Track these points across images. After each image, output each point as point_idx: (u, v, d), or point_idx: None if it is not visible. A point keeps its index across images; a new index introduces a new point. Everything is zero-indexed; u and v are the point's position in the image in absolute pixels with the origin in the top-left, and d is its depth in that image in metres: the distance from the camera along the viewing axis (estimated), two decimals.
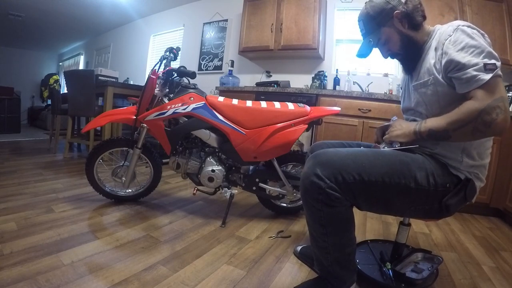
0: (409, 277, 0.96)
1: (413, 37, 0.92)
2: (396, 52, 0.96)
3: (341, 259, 0.88)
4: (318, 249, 0.90)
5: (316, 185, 0.79)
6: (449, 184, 0.83)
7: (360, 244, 1.23)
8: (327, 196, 0.78)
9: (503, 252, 1.47)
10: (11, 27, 5.34)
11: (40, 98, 7.42)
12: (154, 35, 4.76)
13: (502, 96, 0.72)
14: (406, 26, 0.91)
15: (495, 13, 2.29)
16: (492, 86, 0.72)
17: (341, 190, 0.79)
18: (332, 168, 0.79)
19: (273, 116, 1.49)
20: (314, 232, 0.88)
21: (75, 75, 2.97)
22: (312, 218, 0.85)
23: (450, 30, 0.81)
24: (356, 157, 0.82)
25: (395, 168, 0.81)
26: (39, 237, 1.21)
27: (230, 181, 1.61)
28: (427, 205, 0.85)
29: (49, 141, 3.73)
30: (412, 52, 0.94)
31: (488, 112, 0.71)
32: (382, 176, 0.80)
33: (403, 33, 0.92)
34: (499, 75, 0.73)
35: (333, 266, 0.88)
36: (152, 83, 1.51)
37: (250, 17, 3.17)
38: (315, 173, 0.79)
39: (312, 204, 0.82)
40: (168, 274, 1.03)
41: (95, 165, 1.66)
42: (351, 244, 0.88)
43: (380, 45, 0.97)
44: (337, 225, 0.84)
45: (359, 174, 0.79)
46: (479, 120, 0.72)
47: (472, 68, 0.73)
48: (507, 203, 1.97)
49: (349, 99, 2.37)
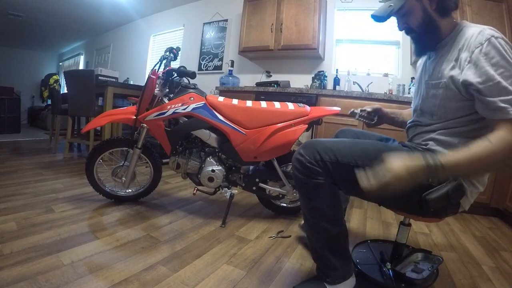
0: (409, 277, 0.96)
1: (436, 21, 0.85)
2: (413, 28, 0.89)
3: (331, 241, 0.90)
4: (310, 228, 0.93)
5: (298, 161, 0.88)
6: (432, 180, 0.79)
7: (360, 244, 1.23)
8: (308, 170, 0.86)
9: (503, 252, 1.47)
10: (11, 27, 5.34)
11: (40, 98, 7.42)
12: (154, 35, 4.76)
13: None
14: (433, 7, 0.84)
15: (495, 13, 2.29)
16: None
17: (319, 165, 0.85)
18: (311, 149, 0.87)
19: (273, 116, 1.49)
20: (304, 210, 0.93)
21: (75, 75, 2.97)
22: (301, 193, 0.92)
23: (482, 38, 0.75)
24: (336, 142, 0.90)
25: (368, 153, 0.85)
26: (39, 237, 1.21)
27: (230, 181, 1.61)
28: (405, 196, 0.78)
29: (49, 141, 3.74)
30: (428, 36, 0.88)
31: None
32: (355, 158, 0.84)
33: (428, 12, 0.85)
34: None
35: (323, 249, 0.90)
36: (152, 83, 1.51)
37: (250, 17, 3.17)
38: (299, 152, 0.89)
39: (298, 177, 0.89)
40: (168, 274, 1.03)
41: (95, 165, 1.65)
42: (338, 225, 0.91)
43: (399, 15, 0.89)
44: (323, 199, 0.88)
45: (334, 155, 0.85)
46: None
47: (499, 99, 0.69)
48: (507, 203, 1.97)
49: (349, 99, 2.37)
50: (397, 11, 0.87)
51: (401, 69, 2.80)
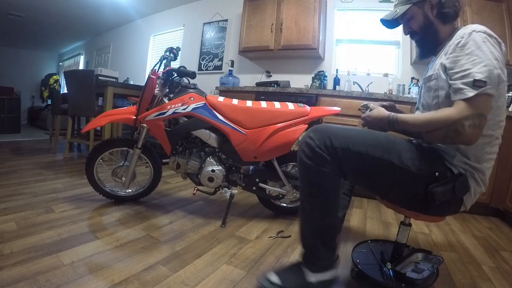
0: (410, 277, 0.96)
1: (436, 27, 0.95)
2: (416, 31, 0.99)
3: (323, 230, 0.91)
4: (304, 214, 0.93)
5: (307, 144, 0.87)
6: (439, 174, 0.85)
7: (361, 244, 1.23)
8: (316, 154, 0.85)
9: (503, 252, 1.47)
10: (11, 27, 5.34)
11: (40, 98, 7.42)
12: (154, 35, 4.76)
13: (480, 113, 0.76)
14: (434, 13, 0.94)
15: (495, 13, 2.29)
16: (475, 102, 0.76)
17: (328, 152, 0.84)
18: (322, 133, 0.86)
19: (273, 116, 1.49)
20: (302, 193, 0.93)
21: (75, 75, 2.97)
22: (303, 177, 0.90)
23: (465, 32, 0.83)
24: (347, 129, 0.89)
25: (380, 142, 0.87)
26: (39, 237, 1.21)
27: (230, 181, 1.61)
28: (411, 189, 0.87)
29: (49, 141, 3.74)
30: (429, 40, 0.98)
31: (462, 123, 0.76)
32: (366, 147, 0.85)
33: (429, 18, 0.95)
34: (487, 94, 0.76)
35: (314, 237, 0.91)
36: (152, 83, 1.51)
37: (250, 17, 3.17)
38: (309, 136, 0.88)
39: (304, 161, 0.87)
40: (168, 274, 1.03)
41: (95, 165, 1.66)
42: (332, 216, 0.91)
43: (404, 20, 1.01)
44: (323, 187, 0.88)
45: (345, 142, 0.85)
46: (452, 127, 0.78)
47: (461, 81, 0.78)
48: (507, 203, 1.97)
49: (349, 99, 2.37)
50: (402, 17, 0.98)
51: (401, 69, 2.80)
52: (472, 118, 0.76)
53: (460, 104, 0.78)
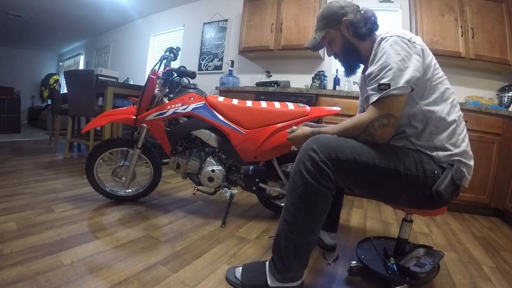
0: (414, 271, 0.98)
1: (355, 45, 1.02)
2: (337, 53, 1.07)
3: (300, 245, 0.89)
4: (285, 224, 0.90)
5: (311, 157, 0.84)
6: (437, 171, 0.87)
7: (364, 241, 1.24)
8: (318, 170, 0.83)
9: (503, 252, 1.47)
10: (11, 27, 5.34)
11: (40, 98, 7.42)
12: (154, 35, 4.76)
13: (388, 113, 0.83)
14: (351, 33, 1.01)
15: (495, 13, 2.29)
16: (382, 104, 0.84)
17: (333, 166, 0.83)
18: (327, 146, 0.85)
19: (273, 116, 1.49)
20: (289, 203, 0.89)
21: (75, 75, 2.97)
22: (295, 188, 0.87)
23: (376, 43, 0.91)
24: (349, 141, 0.88)
25: (384, 152, 0.87)
26: (39, 237, 1.20)
27: (230, 181, 1.61)
28: (418, 192, 0.88)
29: (49, 141, 3.74)
30: (351, 58, 1.06)
31: (372, 125, 0.84)
32: (373, 157, 0.85)
33: (347, 39, 1.02)
34: (393, 94, 0.82)
35: (288, 250, 0.89)
36: (152, 83, 1.51)
37: (250, 17, 3.17)
38: (312, 148, 0.85)
39: (301, 174, 0.85)
40: (168, 274, 1.03)
41: (95, 165, 1.65)
42: (314, 234, 0.90)
43: (325, 43, 1.08)
44: (313, 205, 0.86)
45: (351, 154, 0.84)
46: (366, 131, 0.85)
47: (370, 87, 0.87)
48: (507, 203, 1.98)
49: (349, 99, 2.37)
50: (322, 41, 1.06)
51: None
52: (380, 119, 0.83)
53: (370, 109, 0.86)
